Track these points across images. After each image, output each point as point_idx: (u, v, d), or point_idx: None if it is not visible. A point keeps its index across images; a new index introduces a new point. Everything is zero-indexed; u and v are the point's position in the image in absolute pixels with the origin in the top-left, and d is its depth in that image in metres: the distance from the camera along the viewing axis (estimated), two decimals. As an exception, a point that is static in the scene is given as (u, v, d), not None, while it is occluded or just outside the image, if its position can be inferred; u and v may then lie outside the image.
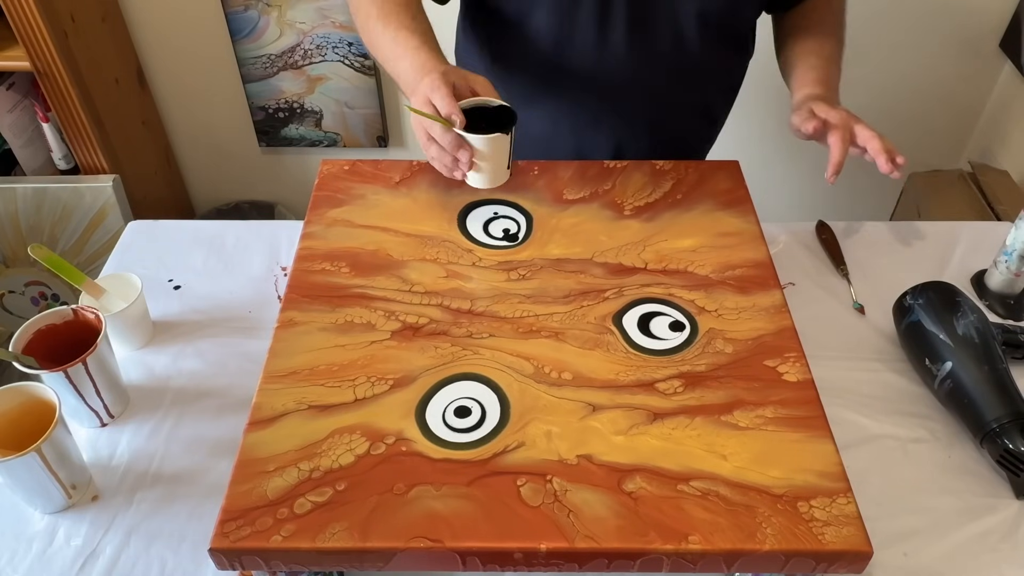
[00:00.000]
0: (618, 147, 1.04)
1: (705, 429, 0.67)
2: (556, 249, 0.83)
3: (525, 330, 0.75)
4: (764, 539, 0.59)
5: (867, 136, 0.87)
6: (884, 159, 0.86)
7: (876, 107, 1.79)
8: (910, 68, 1.73)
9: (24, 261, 1.67)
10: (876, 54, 1.71)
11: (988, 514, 0.78)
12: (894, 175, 0.87)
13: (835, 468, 0.64)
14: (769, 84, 1.67)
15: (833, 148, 0.87)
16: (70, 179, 1.60)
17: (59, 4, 1.44)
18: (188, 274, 1.01)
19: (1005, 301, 0.97)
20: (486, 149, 0.82)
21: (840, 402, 0.86)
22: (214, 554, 0.60)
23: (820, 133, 0.89)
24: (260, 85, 1.78)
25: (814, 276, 1.02)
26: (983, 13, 1.64)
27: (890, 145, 0.87)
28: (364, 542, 0.59)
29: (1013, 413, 0.79)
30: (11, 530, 0.76)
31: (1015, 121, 1.67)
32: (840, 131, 0.87)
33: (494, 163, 0.84)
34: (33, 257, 0.84)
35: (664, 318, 0.76)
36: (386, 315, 0.76)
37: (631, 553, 0.60)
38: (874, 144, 0.86)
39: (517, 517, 0.61)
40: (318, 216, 0.86)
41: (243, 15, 1.67)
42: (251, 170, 1.97)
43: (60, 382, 0.78)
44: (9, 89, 1.58)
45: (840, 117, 0.88)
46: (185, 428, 0.84)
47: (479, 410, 0.68)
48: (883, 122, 1.81)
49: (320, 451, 0.65)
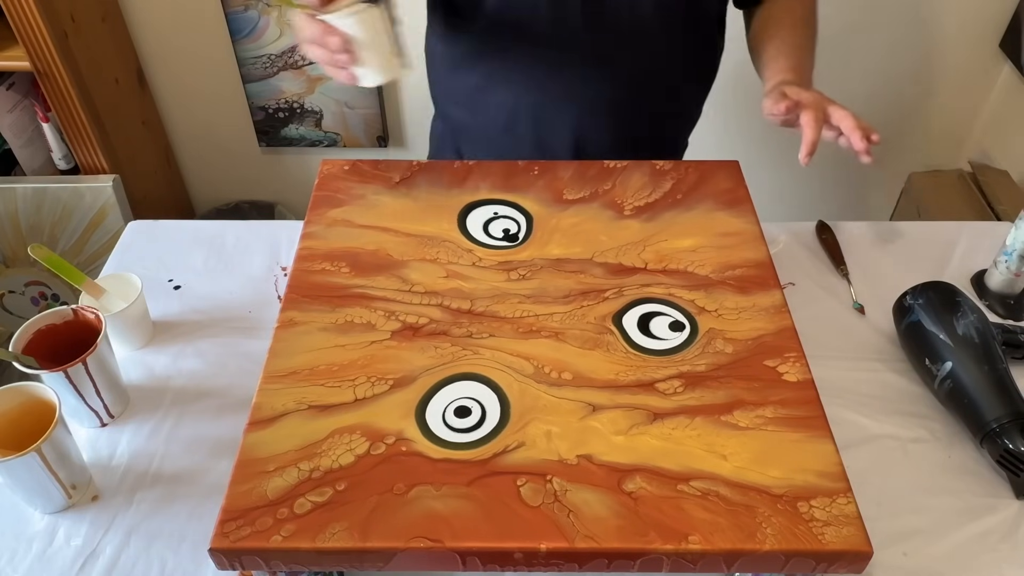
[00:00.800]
0: (579, 141, 1.04)
1: (705, 429, 0.67)
2: (556, 249, 0.83)
3: (525, 330, 0.75)
4: (764, 539, 0.59)
5: (840, 115, 0.85)
6: (859, 136, 0.84)
7: (876, 107, 1.80)
8: (910, 68, 1.73)
9: (24, 261, 1.67)
10: (876, 54, 1.71)
11: (988, 514, 0.78)
12: (866, 159, 0.84)
13: (835, 468, 0.64)
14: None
15: (806, 128, 0.84)
16: (70, 179, 1.60)
17: (59, 4, 1.44)
18: (188, 274, 1.01)
19: (1005, 301, 0.97)
20: (358, 31, 0.75)
21: (840, 402, 0.86)
22: (214, 554, 0.60)
23: (793, 116, 0.87)
24: (260, 85, 1.78)
25: (814, 276, 1.02)
26: (983, 13, 1.64)
27: (864, 123, 0.85)
28: (364, 542, 0.59)
29: (1013, 413, 0.79)
30: (11, 530, 0.76)
31: (1015, 121, 1.67)
32: (813, 111, 0.85)
33: (375, 49, 0.77)
34: (33, 257, 0.84)
35: (664, 318, 0.76)
36: (386, 315, 0.76)
37: (631, 553, 0.60)
38: (848, 122, 0.84)
39: (517, 517, 0.61)
40: (318, 216, 0.86)
41: (243, 15, 1.67)
42: (251, 170, 1.97)
43: (60, 382, 0.78)
44: (9, 89, 1.58)
45: (812, 97, 0.86)
46: (185, 428, 0.84)
47: (479, 410, 0.68)
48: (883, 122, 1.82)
49: (320, 451, 0.65)
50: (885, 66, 1.72)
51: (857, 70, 1.73)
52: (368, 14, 0.76)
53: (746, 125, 1.75)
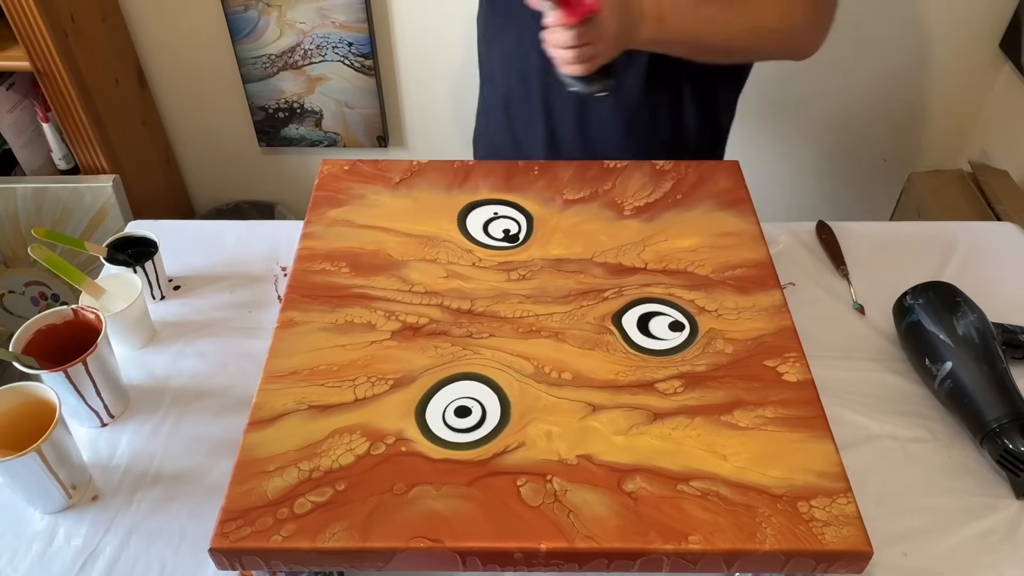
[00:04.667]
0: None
1: (705, 429, 0.67)
2: (556, 249, 0.83)
3: (525, 330, 0.75)
4: (764, 539, 0.60)
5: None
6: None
7: (876, 107, 1.80)
8: (910, 68, 1.73)
9: (24, 261, 1.67)
10: (876, 54, 1.71)
11: (988, 514, 0.78)
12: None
13: (835, 468, 0.64)
14: (768, 84, 1.67)
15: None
16: (70, 179, 1.60)
17: (59, 4, 1.44)
18: (188, 274, 1.02)
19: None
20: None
21: (840, 402, 0.86)
22: (214, 554, 0.60)
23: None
24: (260, 85, 1.78)
25: (814, 276, 1.02)
26: (983, 13, 1.64)
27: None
28: (364, 542, 0.59)
29: (1013, 413, 0.79)
30: (11, 530, 0.76)
31: (1015, 121, 1.67)
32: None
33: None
34: (33, 257, 0.84)
35: (664, 318, 0.76)
36: (386, 315, 0.76)
37: (631, 553, 0.60)
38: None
39: (517, 517, 0.61)
40: (318, 216, 0.86)
41: (243, 15, 1.67)
42: (251, 170, 1.97)
43: (60, 382, 0.78)
44: (9, 89, 1.58)
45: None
46: (185, 428, 0.84)
47: (479, 410, 0.68)
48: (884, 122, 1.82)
49: (320, 451, 0.65)
50: (885, 66, 1.72)
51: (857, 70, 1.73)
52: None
53: (746, 125, 1.75)
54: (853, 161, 1.91)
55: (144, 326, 0.93)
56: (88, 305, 0.83)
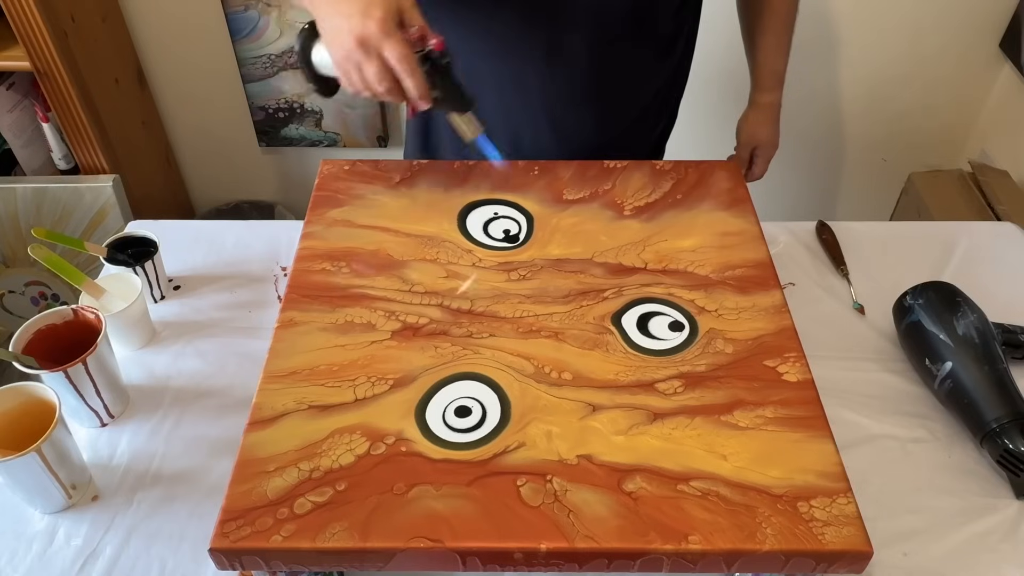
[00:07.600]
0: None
1: (705, 429, 0.67)
2: (556, 249, 0.83)
3: (525, 330, 0.75)
4: (764, 539, 0.59)
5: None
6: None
7: (876, 107, 1.80)
8: (910, 68, 1.73)
9: (24, 261, 1.67)
10: (876, 54, 1.71)
11: (988, 514, 0.78)
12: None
13: (835, 468, 0.64)
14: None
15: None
16: (70, 179, 1.60)
17: (59, 4, 1.44)
18: (188, 274, 1.02)
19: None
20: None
21: (840, 402, 0.86)
22: (214, 554, 0.60)
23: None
24: (260, 85, 1.78)
25: (814, 276, 1.02)
26: (983, 13, 1.64)
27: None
28: (364, 542, 0.59)
29: (1013, 413, 0.79)
30: (11, 530, 0.76)
31: (1015, 121, 1.67)
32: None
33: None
34: (33, 257, 0.84)
35: (664, 318, 0.76)
36: (386, 315, 0.76)
37: (631, 553, 0.60)
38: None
39: (517, 517, 0.61)
40: (318, 216, 0.86)
41: (243, 15, 1.67)
42: (251, 170, 1.97)
43: (60, 382, 0.78)
44: (9, 89, 1.58)
45: (761, 170, 1.14)
46: (185, 428, 0.84)
47: (479, 410, 0.68)
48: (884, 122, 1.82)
49: (320, 451, 0.65)
50: (885, 66, 1.72)
51: (858, 70, 1.73)
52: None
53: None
54: (853, 161, 1.91)
55: (144, 326, 0.93)
56: (88, 305, 0.83)
